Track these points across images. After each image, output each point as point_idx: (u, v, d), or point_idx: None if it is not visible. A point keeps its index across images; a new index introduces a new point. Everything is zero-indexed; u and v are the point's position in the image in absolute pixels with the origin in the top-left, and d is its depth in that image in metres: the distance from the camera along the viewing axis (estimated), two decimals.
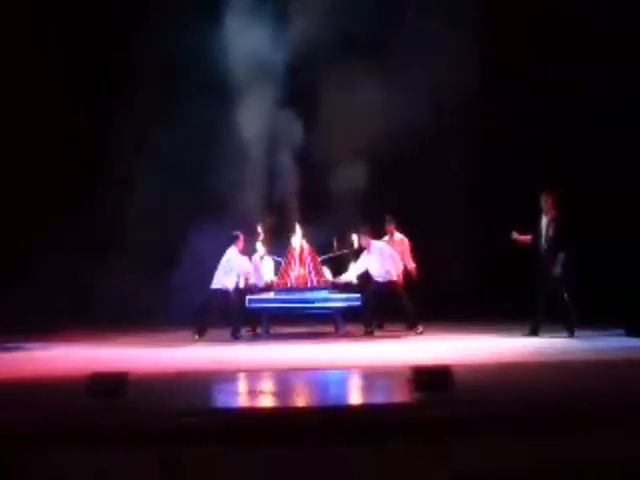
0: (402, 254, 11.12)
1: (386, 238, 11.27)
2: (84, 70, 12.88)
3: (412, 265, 11.22)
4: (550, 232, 9.70)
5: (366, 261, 10.82)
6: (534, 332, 9.64)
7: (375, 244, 10.83)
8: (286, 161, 11.79)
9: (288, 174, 11.74)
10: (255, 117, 11.63)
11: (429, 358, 7.28)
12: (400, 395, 5.12)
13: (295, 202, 11.65)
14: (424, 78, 11.44)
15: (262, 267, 11.33)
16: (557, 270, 9.54)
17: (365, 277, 11.04)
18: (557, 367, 6.67)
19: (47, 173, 12.44)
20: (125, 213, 12.58)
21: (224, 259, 10.60)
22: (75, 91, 12.79)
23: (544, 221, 9.77)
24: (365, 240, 10.79)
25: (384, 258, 10.71)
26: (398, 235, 11.41)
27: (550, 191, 9.82)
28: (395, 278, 10.67)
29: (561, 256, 9.54)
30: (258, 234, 11.14)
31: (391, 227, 11.37)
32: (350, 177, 11.77)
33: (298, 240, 11.14)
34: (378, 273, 10.73)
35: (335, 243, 11.26)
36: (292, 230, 11.24)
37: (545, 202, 9.76)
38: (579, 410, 4.42)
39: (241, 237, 10.71)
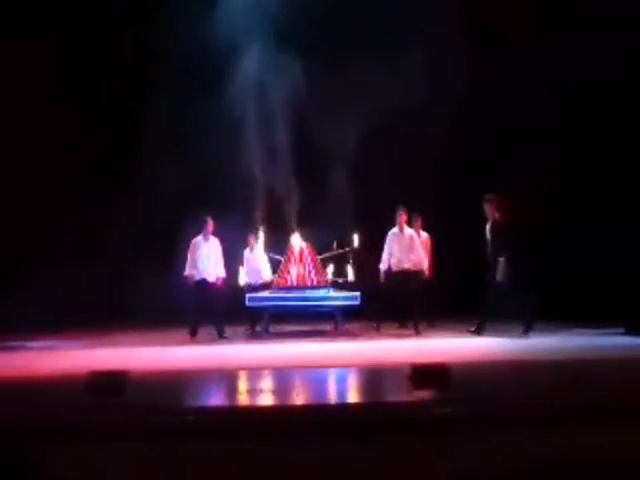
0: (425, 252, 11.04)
1: None
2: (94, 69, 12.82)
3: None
4: (490, 237, 9.78)
5: (391, 244, 10.57)
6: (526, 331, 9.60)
7: (407, 229, 10.65)
8: (285, 157, 11.77)
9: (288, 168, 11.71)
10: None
11: (427, 356, 7.29)
12: (398, 393, 5.12)
13: (295, 196, 11.60)
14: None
15: (256, 262, 11.23)
16: (499, 276, 9.60)
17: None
18: (555, 365, 6.66)
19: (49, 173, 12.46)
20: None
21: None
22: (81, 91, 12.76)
23: (487, 226, 9.85)
24: (401, 218, 10.55)
25: (413, 246, 10.51)
26: (424, 234, 11.31)
27: (491, 197, 9.87)
28: (414, 269, 10.54)
29: (500, 261, 9.59)
30: (256, 228, 11.08)
31: (417, 224, 11.22)
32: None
33: (297, 239, 11.15)
34: (402, 259, 10.49)
35: (334, 242, 11.27)
36: (291, 228, 11.24)
37: (487, 207, 9.82)
38: (577, 408, 4.43)
39: (208, 221, 10.61)
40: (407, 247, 10.57)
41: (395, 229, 10.71)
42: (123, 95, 12.74)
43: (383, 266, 10.71)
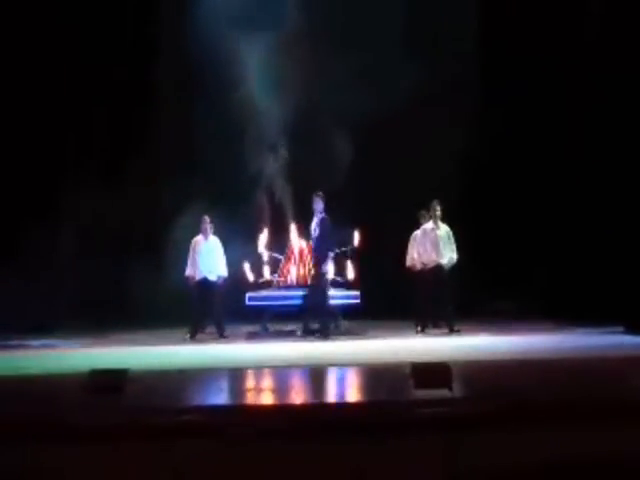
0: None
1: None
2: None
3: None
4: (320, 231, 10.02)
5: (425, 239, 10.33)
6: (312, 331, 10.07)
7: (442, 224, 10.38)
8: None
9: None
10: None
11: (428, 355, 7.28)
12: (400, 392, 5.11)
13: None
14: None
15: (208, 254, 10.65)
16: (324, 268, 9.99)
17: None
18: (555, 364, 6.67)
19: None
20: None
21: None
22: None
23: (314, 221, 10.09)
24: (436, 213, 10.28)
25: (450, 241, 10.32)
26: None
27: (322, 193, 10.05)
28: (449, 264, 10.31)
29: (331, 256, 9.99)
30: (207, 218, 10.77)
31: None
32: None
33: (297, 238, 11.11)
34: (440, 254, 10.22)
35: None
36: (289, 227, 11.21)
37: (316, 202, 10.02)
38: (578, 406, 4.42)
39: (206, 220, 10.53)
40: (445, 242, 10.26)
41: (430, 224, 10.38)
42: (122, 94, 12.70)
43: (419, 263, 10.38)
